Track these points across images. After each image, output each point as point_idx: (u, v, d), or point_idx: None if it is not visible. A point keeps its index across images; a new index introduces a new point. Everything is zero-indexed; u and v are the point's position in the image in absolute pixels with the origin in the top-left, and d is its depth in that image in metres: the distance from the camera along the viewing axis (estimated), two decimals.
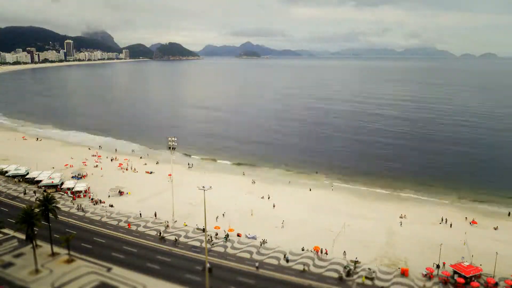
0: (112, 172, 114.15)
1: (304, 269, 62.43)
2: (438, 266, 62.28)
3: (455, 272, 59.95)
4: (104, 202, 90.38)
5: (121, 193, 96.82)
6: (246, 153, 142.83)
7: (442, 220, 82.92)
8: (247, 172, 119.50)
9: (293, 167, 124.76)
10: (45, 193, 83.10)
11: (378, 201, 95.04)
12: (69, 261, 63.68)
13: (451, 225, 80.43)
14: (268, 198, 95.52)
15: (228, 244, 71.14)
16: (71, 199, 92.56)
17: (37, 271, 60.57)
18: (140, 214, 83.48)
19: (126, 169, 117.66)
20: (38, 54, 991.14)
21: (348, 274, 60.99)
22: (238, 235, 74.45)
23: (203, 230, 73.27)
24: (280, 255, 66.97)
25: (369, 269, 61.89)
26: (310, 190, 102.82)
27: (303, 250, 68.58)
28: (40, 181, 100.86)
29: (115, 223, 79.75)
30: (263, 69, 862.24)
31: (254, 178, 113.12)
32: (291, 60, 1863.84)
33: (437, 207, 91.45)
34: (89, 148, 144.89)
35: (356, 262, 64.08)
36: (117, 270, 61.66)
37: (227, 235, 73.54)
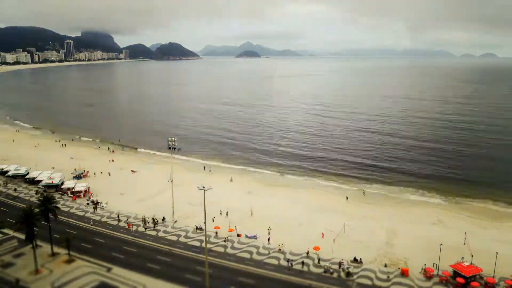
0: (112, 173, 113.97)
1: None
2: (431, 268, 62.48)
3: (455, 272, 59.97)
4: (107, 203, 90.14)
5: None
6: (246, 154, 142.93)
7: (442, 220, 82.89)
8: (247, 173, 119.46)
9: (293, 168, 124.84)
10: (45, 193, 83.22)
11: (378, 201, 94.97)
12: (69, 261, 63.71)
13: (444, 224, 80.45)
14: (268, 198, 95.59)
15: (228, 244, 71.17)
16: (71, 199, 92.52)
17: (37, 271, 60.58)
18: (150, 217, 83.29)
19: (133, 171, 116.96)
20: (38, 54, 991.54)
21: (348, 274, 61.06)
22: (238, 235, 74.44)
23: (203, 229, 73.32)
24: (280, 255, 66.97)
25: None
26: (313, 188, 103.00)
27: (308, 253, 68.26)
28: (40, 181, 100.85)
29: (115, 223, 79.77)
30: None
31: (254, 178, 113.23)
32: (295, 60, 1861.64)
33: (437, 207, 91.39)
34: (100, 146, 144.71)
35: (358, 261, 64.23)
36: (117, 270, 61.70)
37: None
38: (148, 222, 79.10)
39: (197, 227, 77.01)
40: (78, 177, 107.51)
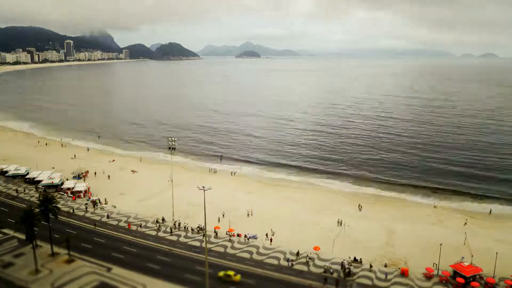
0: (113, 173, 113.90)
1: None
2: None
3: (455, 272, 59.99)
4: (106, 203, 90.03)
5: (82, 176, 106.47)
6: (245, 153, 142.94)
7: (442, 220, 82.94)
8: (247, 173, 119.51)
9: (293, 168, 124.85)
10: (45, 193, 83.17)
11: (378, 201, 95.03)
12: (69, 261, 63.72)
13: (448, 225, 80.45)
14: (268, 197, 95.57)
15: (228, 244, 71.22)
16: (71, 199, 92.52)
17: (37, 271, 60.60)
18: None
19: (133, 171, 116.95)
20: (38, 54, 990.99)
21: (348, 274, 61.04)
22: (238, 235, 74.49)
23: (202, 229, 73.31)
24: (280, 255, 66.99)
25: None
26: (313, 188, 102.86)
27: (307, 255, 68.46)
28: (40, 181, 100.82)
29: (115, 223, 79.79)
30: None
31: (254, 178, 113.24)
32: (297, 60, 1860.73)
33: (437, 207, 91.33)
34: (87, 149, 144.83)
35: (358, 261, 64.29)
36: (117, 270, 61.71)
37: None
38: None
39: (197, 227, 77.09)
40: (78, 177, 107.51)
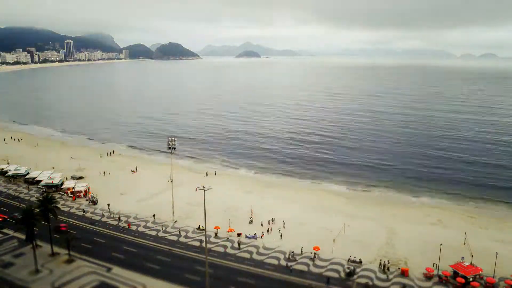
0: (112, 173, 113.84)
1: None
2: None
3: (455, 272, 59.97)
4: (108, 205, 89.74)
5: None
6: (245, 153, 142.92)
7: (441, 220, 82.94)
8: (247, 173, 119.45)
9: (293, 168, 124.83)
10: (45, 193, 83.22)
11: (378, 202, 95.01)
12: (69, 261, 63.74)
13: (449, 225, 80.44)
14: (268, 198, 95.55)
15: (228, 244, 71.16)
16: (71, 199, 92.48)
17: (37, 271, 60.61)
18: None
19: (133, 171, 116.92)
20: (38, 54, 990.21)
21: (349, 274, 61.02)
22: (239, 234, 74.50)
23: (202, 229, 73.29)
24: (280, 255, 66.98)
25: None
26: (313, 188, 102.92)
27: (309, 253, 68.46)
28: (40, 181, 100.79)
29: (115, 223, 79.76)
30: None
31: (254, 178, 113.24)
32: (298, 59, 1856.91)
33: (437, 207, 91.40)
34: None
35: (358, 262, 64.26)
36: (117, 270, 61.72)
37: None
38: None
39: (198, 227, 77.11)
40: (79, 177, 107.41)
